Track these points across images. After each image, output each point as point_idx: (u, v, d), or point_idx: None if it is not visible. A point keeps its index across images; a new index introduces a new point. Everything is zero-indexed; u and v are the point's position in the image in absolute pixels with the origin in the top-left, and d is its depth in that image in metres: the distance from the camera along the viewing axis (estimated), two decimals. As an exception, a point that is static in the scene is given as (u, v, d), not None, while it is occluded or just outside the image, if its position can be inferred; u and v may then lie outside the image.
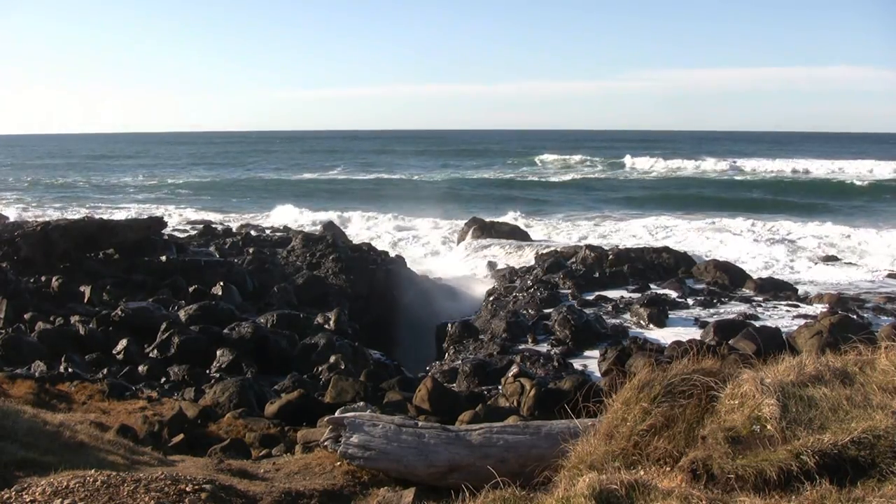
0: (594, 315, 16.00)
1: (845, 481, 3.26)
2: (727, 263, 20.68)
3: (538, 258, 22.48)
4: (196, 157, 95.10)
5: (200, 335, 13.34)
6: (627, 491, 3.29)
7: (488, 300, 18.32)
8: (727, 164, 67.15)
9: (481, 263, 23.79)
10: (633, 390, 4.21)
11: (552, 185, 55.08)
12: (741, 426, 3.68)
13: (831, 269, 22.30)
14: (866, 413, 3.63)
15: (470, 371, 12.50)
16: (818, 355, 4.37)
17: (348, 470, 5.99)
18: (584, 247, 22.71)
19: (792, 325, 15.24)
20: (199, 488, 4.51)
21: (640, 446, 3.95)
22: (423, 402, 10.14)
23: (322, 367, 12.77)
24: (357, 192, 48.86)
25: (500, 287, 19.82)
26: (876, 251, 24.79)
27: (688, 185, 53.53)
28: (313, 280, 19.17)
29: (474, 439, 5.92)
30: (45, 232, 18.98)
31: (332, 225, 29.21)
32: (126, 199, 47.14)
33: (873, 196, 45.34)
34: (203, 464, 6.50)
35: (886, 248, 24.99)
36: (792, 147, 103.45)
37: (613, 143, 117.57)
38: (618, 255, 21.32)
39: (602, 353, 13.19)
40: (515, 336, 14.95)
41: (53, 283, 16.67)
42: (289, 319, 15.02)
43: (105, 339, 13.42)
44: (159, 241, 21.66)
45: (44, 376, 10.64)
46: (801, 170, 63.04)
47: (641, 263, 20.78)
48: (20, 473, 4.89)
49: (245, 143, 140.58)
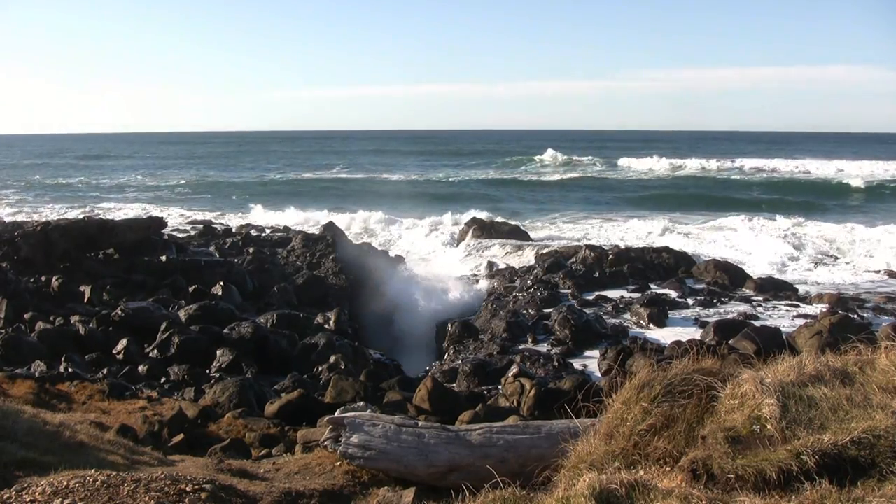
0: (594, 315, 16.01)
1: (845, 481, 3.26)
2: (727, 263, 20.70)
3: (538, 258, 22.49)
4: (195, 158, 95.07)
5: (200, 335, 13.35)
6: (627, 491, 3.29)
7: (488, 300, 18.32)
8: (727, 164, 67.16)
9: (481, 263, 23.79)
10: (633, 390, 4.21)
11: (552, 184, 55.06)
12: (741, 426, 3.68)
13: (831, 269, 22.31)
14: (866, 413, 3.63)
15: (470, 371, 12.51)
16: (818, 355, 4.36)
17: (348, 470, 5.99)
18: (584, 247, 22.72)
19: (792, 325, 15.24)
20: (199, 488, 4.51)
21: (640, 446, 3.94)
22: (423, 402, 10.14)
23: (322, 367, 12.77)
24: (356, 192, 48.83)
25: (500, 287, 19.82)
26: (876, 251, 24.79)
27: (687, 184, 53.53)
28: (313, 280, 19.17)
29: (474, 439, 5.92)
30: (45, 232, 18.99)
31: (332, 225, 29.19)
32: (126, 199, 47.12)
33: (873, 196, 45.35)
34: (203, 464, 6.50)
35: (886, 248, 24.98)
36: (792, 147, 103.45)
37: (613, 143, 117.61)
38: (618, 255, 21.33)
39: (602, 353, 13.20)
40: (515, 336, 14.96)
41: (53, 283, 16.67)
42: (289, 319, 15.02)
43: (105, 339, 13.43)
44: (159, 241, 21.67)
45: (44, 376, 10.63)
46: (800, 169, 63.04)
47: (641, 263, 20.79)
48: (20, 473, 4.89)
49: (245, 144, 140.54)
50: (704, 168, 66.19)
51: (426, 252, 28.43)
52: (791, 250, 24.88)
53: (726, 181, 55.60)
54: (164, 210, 37.80)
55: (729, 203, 41.36)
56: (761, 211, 36.65)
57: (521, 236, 28.36)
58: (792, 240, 26.59)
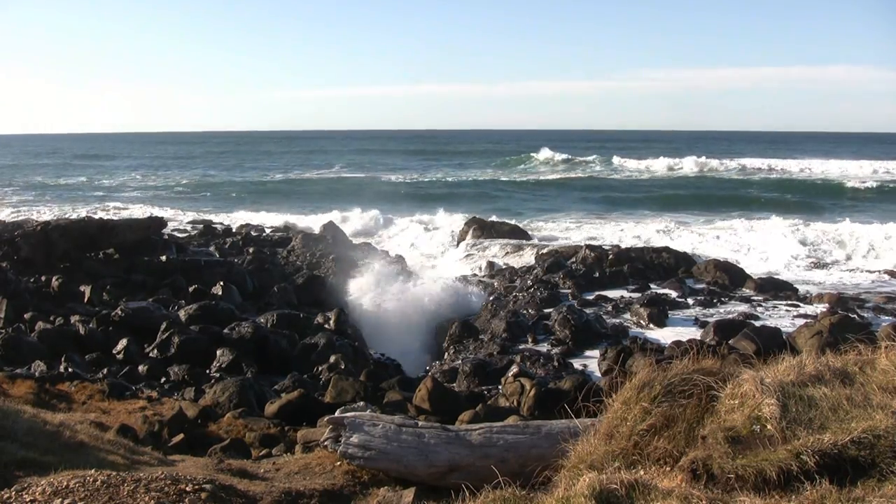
0: (594, 315, 16.01)
1: (845, 481, 3.26)
2: (727, 263, 20.70)
3: (538, 258, 22.49)
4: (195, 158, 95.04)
5: (200, 335, 13.34)
6: (627, 491, 3.29)
7: (488, 300, 18.32)
8: (727, 164, 67.15)
9: (481, 263, 23.78)
10: (633, 390, 4.21)
11: (552, 184, 55.04)
12: (741, 426, 3.68)
13: (831, 269, 22.31)
14: (866, 413, 3.63)
15: (470, 371, 12.50)
16: (818, 355, 4.36)
17: (348, 470, 5.99)
18: (584, 247, 22.72)
19: (792, 325, 15.24)
20: (199, 488, 4.51)
21: (640, 446, 3.94)
22: (423, 402, 10.14)
23: (322, 366, 12.77)
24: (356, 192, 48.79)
25: (500, 287, 19.82)
26: (876, 250, 24.78)
27: (687, 184, 53.49)
28: (313, 280, 19.17)
29: (474, 439, 5.92)
30: (45, 232, 18.99)
31: (331, 225, 29.19)
32: (126, 199, 47.11)
33: (873, 196, 45.34)
34: (203, 464, 6.50)
35: (888, 249, 24.98)
36: (791, 147, 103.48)
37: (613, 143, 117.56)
38: (618, 255, 21.33)
39: (602, 353, 13.20)
40: (515, 336, 14.96)
41: (53, 283, 16.68)
42: (289, 319, 15.02)
43: (105, 338, 13.43)
44: (159, 240, 21.68)
45: (44, 376, 10.63)
46: (800, 169, 63.03)
47: (641, 263, 20.79)
48: (20, 473, 4.89)
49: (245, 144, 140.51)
50: (704, 168, 66.19)
51: (426, 252, 28.42)
52: (791, 250, 24.88)
53: (726, 181, 55.59)
54: (164, 210, 37.80)
55: (729, 202, 41.38)
56: (761, 210, 36.66)
57: (521, 236, 28.37)
58: (792, 239, 26.59)
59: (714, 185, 53.00)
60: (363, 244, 25.73)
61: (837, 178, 54.94)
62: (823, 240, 26.88)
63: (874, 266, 22.62)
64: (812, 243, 26.15)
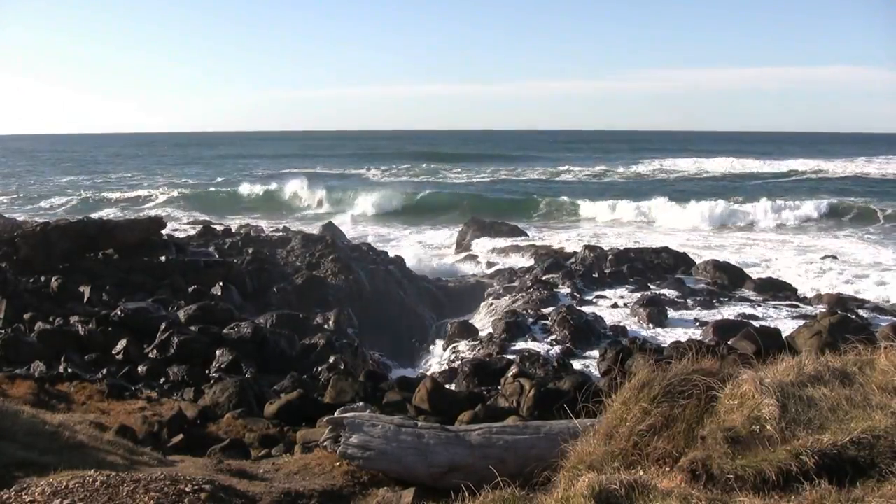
0: (593, 315, 16.00)
1: (845, 481, 3.26)
2: (726, 263, 20.70)
3: (538, 258, 22.49)
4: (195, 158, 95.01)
5: (200, 335, 13.33)
6: (627, 491, 3.28)
7: (488, 300, 18.32)
8: (726, 164, 67.20)
9: (481, 263, 23.79)
10: (633, 390, 4.21)
11: (552, 184, 55.08)
12: (741, 426, 3.68)
13: (831, 269, 22.29)
14: (866, 413, 3.63)
15: (469, 371, 12.50)
16: (818, 355, 4.37)
17: (348, 470, 5.98)
18: (583, 247, 22.73)
19: (791, 325, 15.24)
20: (199, 488, 4.50)
21: (639, 446, 3.94)
22: (423, 403, 10.13)
23: (322, 367, 12.76)
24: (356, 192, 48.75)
25: (499, 287, 19.82)
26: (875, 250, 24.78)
27: (687, 184, 53.56)
28: (313, 280, 19.16)
29: (474, 439, 5.91)
30: (44, 232, 18.96)
31: (331, 225, 29.19)
32: (126, 199, 47.07)
33: (872, 195, 45.31)
34: (202, 464, 6.50)
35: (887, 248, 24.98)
36: (791, 147, 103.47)
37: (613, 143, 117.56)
38: (617, 256, 21.34)
39: (601, 353, 13.20)
40: (515, 336, 14.96)
41: (53, 284, 16.65)
42: (288, 319, 15.01)
43: (104, 339, 13.40)
44: (159, 241, 21.62)
45: (43, 376, 10.62)
46: (800, 169, 63.08)
47: (641, 263, 20.80)
48: (19, 474, 4.88)
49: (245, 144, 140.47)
50: (704, 168, 66.23)
51: (425, 252, 28.43)
52: (791, 250, 24.88)
53: (726, 181, 55.63)
54: (163, 210, 37.78)
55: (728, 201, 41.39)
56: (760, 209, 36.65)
57: (521, 236, 28.39)
58: (792, 239, 26.60)
59: (714, 184, 52.94)
60: (363, 244, 25.72)
61: (837, 177, 54.81)
62: (823, 239, 26.85)
63: (874, 265, 22.56)
64: (812, 242, 26.11)
